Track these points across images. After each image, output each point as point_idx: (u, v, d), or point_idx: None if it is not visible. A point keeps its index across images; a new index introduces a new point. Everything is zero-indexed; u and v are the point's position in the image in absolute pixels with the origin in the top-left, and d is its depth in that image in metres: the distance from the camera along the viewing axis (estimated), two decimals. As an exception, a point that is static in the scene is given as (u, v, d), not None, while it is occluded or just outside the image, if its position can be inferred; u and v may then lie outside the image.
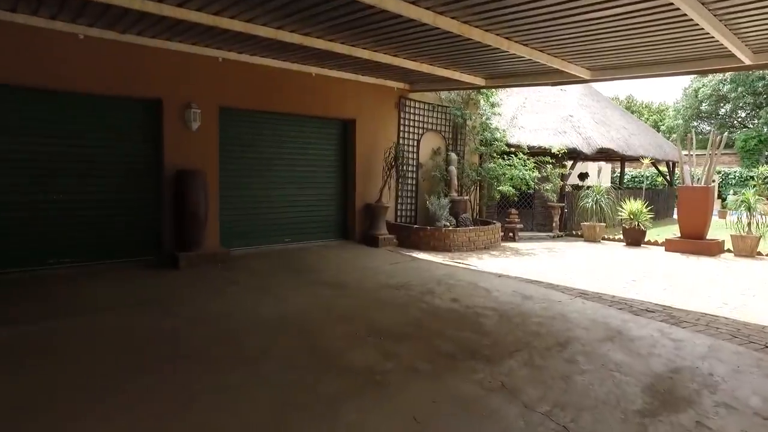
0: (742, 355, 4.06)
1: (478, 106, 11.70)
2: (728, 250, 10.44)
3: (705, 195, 10.37)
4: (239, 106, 7.96)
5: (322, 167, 9.41)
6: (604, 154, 16.93)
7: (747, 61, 5.78)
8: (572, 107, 14.83)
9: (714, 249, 10.06)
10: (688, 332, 4.66)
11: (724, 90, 31.86)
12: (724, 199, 21.39)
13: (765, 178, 25.59)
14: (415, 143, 10.68)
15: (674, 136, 31.55)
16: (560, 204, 13.06)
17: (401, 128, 10.38)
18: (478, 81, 8.86)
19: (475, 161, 11.69)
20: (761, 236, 10.05)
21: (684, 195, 10.59)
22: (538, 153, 12.21)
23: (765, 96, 30.43)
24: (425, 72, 8.15)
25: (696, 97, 33.67)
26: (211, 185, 7.44)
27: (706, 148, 11.29)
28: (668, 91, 72.86)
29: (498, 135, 11.42)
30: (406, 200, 10.61)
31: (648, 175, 29.12)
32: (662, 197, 18.52)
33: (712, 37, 5.23)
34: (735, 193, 15.81)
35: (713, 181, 13.82)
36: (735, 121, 33.54)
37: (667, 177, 19.82)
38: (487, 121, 11.27)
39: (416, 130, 10.69)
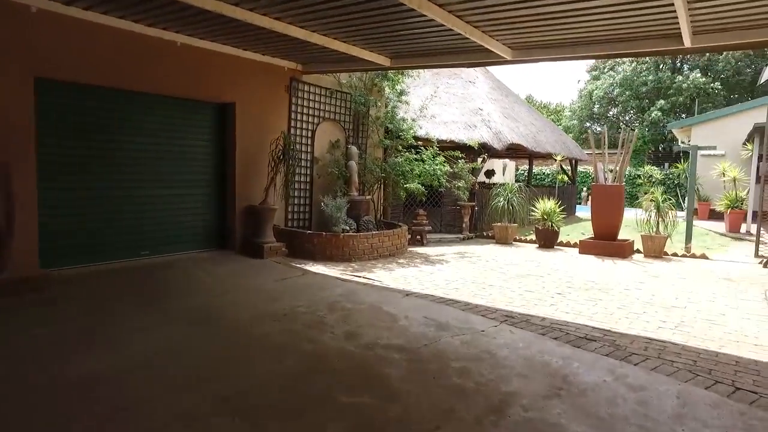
0: (720, 410, 3.13)
1: (382, 93, 10.50)
2: (637, 251, 10.16)
3: (618, 193, 9.99)
4: (71, 78, 6.02)
5: (194, 161, 7.66)
6: (513, 151, 16.57)
7: (688, 44, 5.03)
8: (482, 100, 14.17)
9: (627, 250, 9.68)
10: (644, 372, 3.69)
11: (615, 93, 33.73)
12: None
13: (650, 177, 27.33)
14: (310, 134, 9.23)
15: (598, 128, 32.88)
16: (471, 203, 12.27)
17: (293, 116, 8.87)
18: (383, 60, 7.60)
19: (380, 156, 10.48)
20: (669, 236, 9.83)
21: (597, 193, 10.15)
22: (448, 147, 11.27)
23: (648, 100, 32.58)
24: (318, 45, 6.73)
25: (590, 98, 35.37)
26: (22, 182, 5.47)
27: (599, 147, 10.99)
28: (565, 92, 77.58)
29: (405, 126, 10.29)
30: (299, 201, 9.13)
31: (549, 173, 30.00)
32: (567, 195, 18.63)
33: (658, 12, 4.37)
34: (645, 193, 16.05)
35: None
36: (622, 123, 35.68)
37: (570, 175, 20.05)
38: (394, 110, 10.08)
39: (311, 119, 9.24)
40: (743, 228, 13.74)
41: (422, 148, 10.22)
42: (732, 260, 9.50)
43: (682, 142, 22.91)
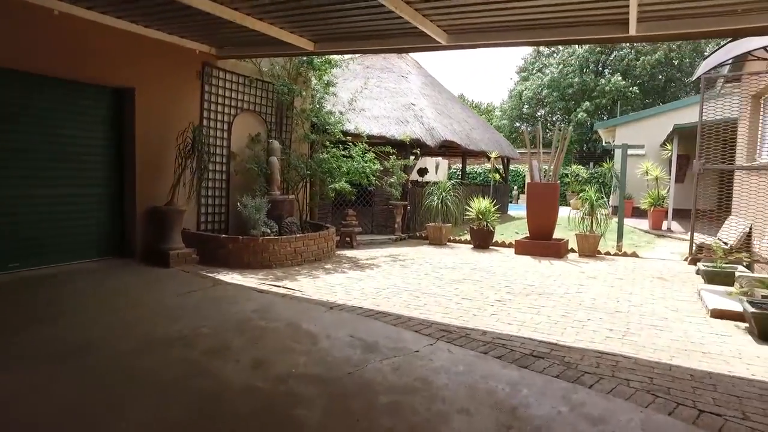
0: (692, 443, 2.69)
1: (309, 84, 9.73)
2: (572, 250, 10.05)
3: (553, 192, 9.80)
4: None
5: (83, 155, 6.57)
6: (446, 149, 16.28)
7: (633, 32, 4.69)
8: (415, 95, 13.72)
9: (562, 250, 9.50)
10: (600, 398, 3.22)
11: (543, 94, 34.70)
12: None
13: (577, 176, 28.24)
14: (226, 127, 8.31)
15: (528, 128, 33.41)
16: (403, 202, 11.76)
17: (206, 106, 7.94)
18: (305, 44, 6.86)
19: (305, 151, 9.71)
20: (602, 235, 9.77)
21: (533, 192, 9.92)
22: (379, 143, 10.67)
23: (573, 101, 33.79)
24: (231, 23, 5.91)
25: (520, 99, 36.21)
26: None
27: (533, 146, 10.84)
28: (496, 92, 79.60)
29: (332, 120, 9.58)
30: (214, 201, 8.19)
31: (482, 171, 30.28)
32: (500, 194, 18.63)
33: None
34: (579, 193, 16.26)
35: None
36: (550, 123, 36.82)
37: (503, 173, 20.12)
38: (320, 102, 9.34)
39: (228, 110, 8.32)
40: (665, 225, 14.18)
41: (351, 143, 9.54)
42: (660, 258, 9.56)
43: (607, 142, 23.73)
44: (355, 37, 6.48)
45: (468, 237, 10.98)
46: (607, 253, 9.82)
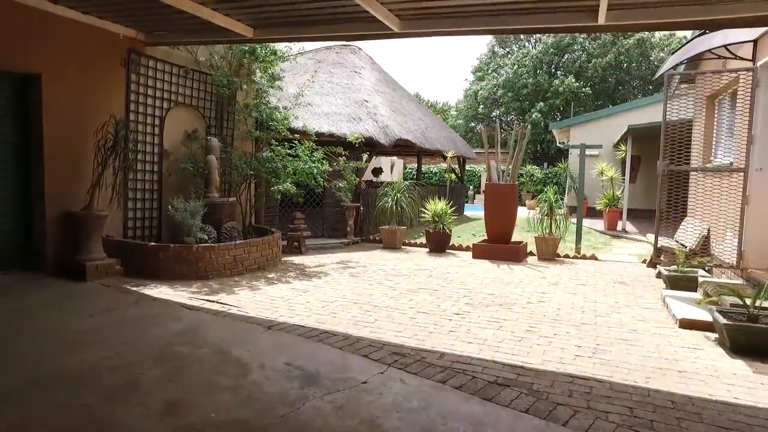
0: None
1: (253, 77, 9.01)
2: (530, 253, 9.76)
3: (511, 193, 9.48)
4: None
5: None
6: (401, 148, 15.84)
7: (602, 21, 4.30)
8: (368, 92, 13.17)
9: (521, 254, 9.19)
10: (578, 439, 2.76)
11: (498, 94, 34.90)
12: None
13: (531, 176, 28.47)
14: (158, 122, 7.52)
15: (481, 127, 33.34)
16: (356, 204, 11.19)
17: (133, 98, 7.13)
18: (244, 29, 6.19)
19: (249, 150, 8.99)
20: (561, 238, 9.52)
21: (491, 193, 9.56)
22: (329, 142, 10.06)
23: (528, 102, 34.16)
24: (156, 1, 5.18)
25: (475, 98, 36.31)
26: None
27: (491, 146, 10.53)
28: (452, 92, 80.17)
29: (279, 116, 8.90)
30: (143, 205, 7.38)
31: (437, 171, 30.10)
32: (456, 194, 18.37)
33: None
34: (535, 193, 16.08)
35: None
36: (505, 124, 37.14)
37: (459, 173, 19.87)
38: (263, 95, 8.64)
39: (159, 103, 7.53)
40: (619, 225, 14.20)
41: (298, 142, 8.89)
42: (619, 260, 9.40)
43: (561, 143, 23.96)
44: (299, 23, 5.87)
45: (424, 240, 10.53)
46: (566, 256, 9.59)
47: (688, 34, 9.46)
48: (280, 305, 5.48)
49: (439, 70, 78.34)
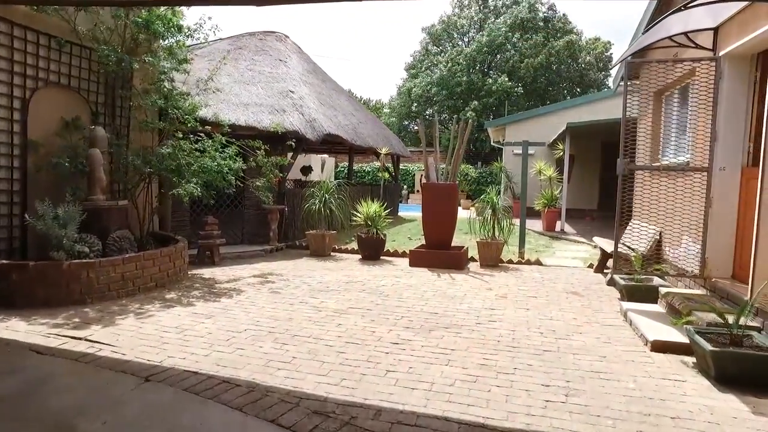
0: None
1: (156, 55, 7.62)
2: (472, 259, 9.05)
3: (452, 193, 8.70)
4: None
5: None
6: (332, 145, 14.80)
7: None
8: (295, 82, 12.01)
9: (463, 261, 8.43)
10: None
11: (432, 92, 34.58)
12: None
13: (466, 175, 28.26)
14: (18, 104, 6.05)
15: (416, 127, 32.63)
16: (279, 206, 10.04)
17: (-17, 73, 5.63)
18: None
19: (149, 143, 7.62)
20: (505, 242, 8.86)
21: (429, 193, 8.73)
22: (248, 136, 8.83)
23: (462, 101, 34.09)
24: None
25: (409, 96, 35.81)
26: None
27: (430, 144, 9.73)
28: (385, 89, 79.71)
29: (185, 104, 7.60)
30: (-1, 209, 5.90)
31: (370, 170, 29.26)
32: (390, 194, 17.55)
33: None
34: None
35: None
36: (439, 122, 36.93)
37: (393, 172, 19.08)
38: (163, 77, 7.30)
39: (20, 82, 6.06)
40: (558, 226, 13.92)
41: (209, 135, 7.61)
42: (564, 265, 8.87)
43: (496, 141, 23.79)
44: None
45: (356, 246, 9.56)
46: (510, 262, 8.95)
47: (634, 23, 9.06)
48: (172, 340, 4.31)
49: (372, 67, 77.69)
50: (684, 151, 6.68)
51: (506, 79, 31.64)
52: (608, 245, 7.82)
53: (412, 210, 19.95)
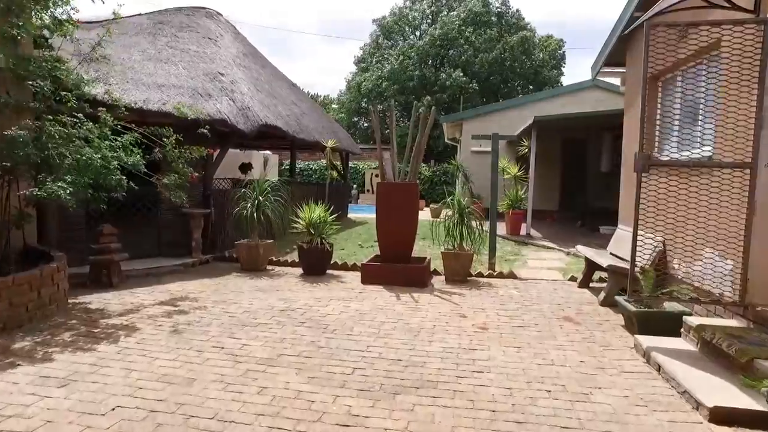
0: None
1: (27, 18, 5.79)
2: (435, 271, 7.71)
3: (411, 195, 7.31)
4: None
5: None
6: (271, 138, 13.12)
7: None
8: (227, 64, 10.31)
9: (426, 276, 7.07)
10: None
11: (383, 86, 33.23)
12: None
13: (419, 174, 27.09)
14: None
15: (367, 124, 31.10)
16: (204, 210, 8.37)
17: None
18: None
19: (26, 127, 5.78)
20: (475, 253, 7.56)
21: (385, 195, 7.29)
22: (160, 123, 7.08)
23: (414, 96, 32.91)
24: None
25: (359, 91, 34.32)
26: None
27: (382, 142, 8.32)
28: (334, 84, 77.84)
29: (71, 78, 5.81)
30: None
31: (318, 168, 27.58)
32: (339, 195, 16.04)
33: None
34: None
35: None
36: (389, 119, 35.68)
37: (342, 170, 17.56)
38: (18, 31, 5.48)
39: None
40: (523, 229, 12.85)
41: (98, 118, 5.84)
42: (542, 278, 7.67)
43: (451, 138, 22.70)
44: None
45: (297, 257, 8.00)
46: (480, 275, 7.67)
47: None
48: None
49: (322, 61, 75.64)
50: (693, 145, 5.55)
51: (461, 74, 30.71)
52: (597, 256, 6.64)
53: (363, 211, 18.50)
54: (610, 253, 7.14)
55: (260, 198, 7.88)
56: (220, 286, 6.69)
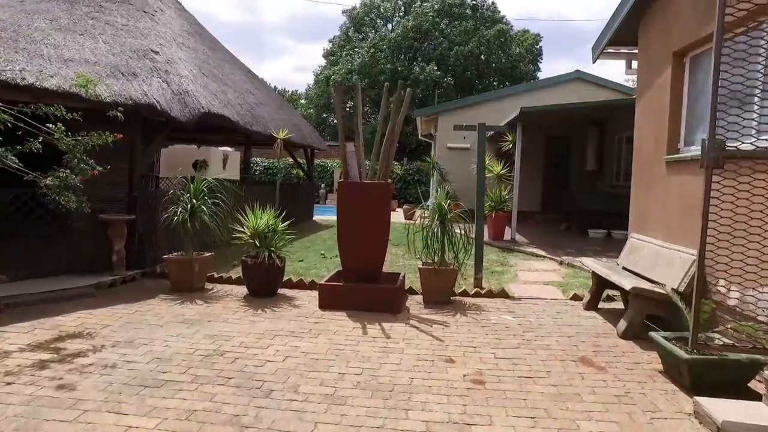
0: None
1: None
2: (411, 290, 6.38)
3: (383, 197, 5.91)
4: None
5: None
6: (223, 131, 11.55)
7: None
8: (164, 42, 8.75)
9: (400, 299, 5.71)
10: None
11: (353, 80, 31.75)
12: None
13: (391, 173, 25.77)
14: None
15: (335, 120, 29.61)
16: (126, 217, 6.83)
17: None
18: None
19: None
20: (459, 268, 6.22)
21: (349, 197, 5.87)
22: (66, 107, 5.51)
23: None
24: None
25: (327, 85, 32.79)
26: None
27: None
28: (302, 79, 75.89)
29: None
30: None
31: (283, 165, 25.94)
32: (303, 196, 14.57)
33: None
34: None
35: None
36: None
37: (306, 169, 16.08)
38: None
39: None
40: (507, 233, 11.61)
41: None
42: (539, 297, 6.41)
43: (425, 135, 21.43)
44: None
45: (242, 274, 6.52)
46: (465, 294, 6.35)
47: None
48: None
49: (296, 60, 73.64)
50: (743, 131, 4.32)
51: (434, 67, 29.46)
52: (612, 273, 5.37)
53: (330, 213, 17.03)
54: (623, 268, 5.91)
55: (195, 201, 6.37)
56: (135, 315, 5.19)
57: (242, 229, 6.24)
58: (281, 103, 14.38)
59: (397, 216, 15.15)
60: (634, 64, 7.27)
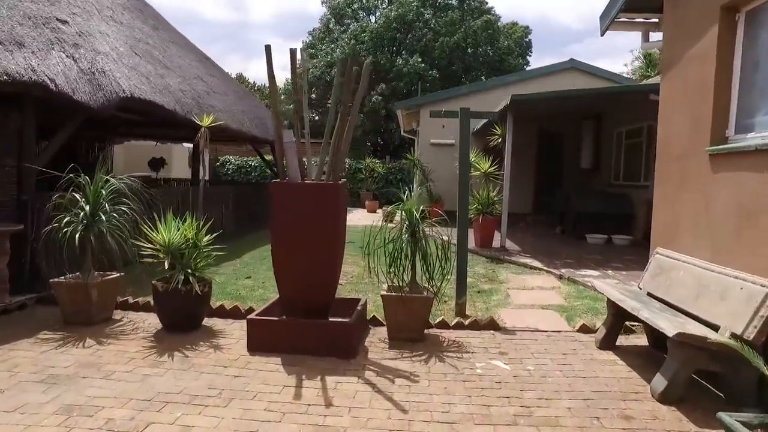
0: None
1: None
2: (374, 319, 4.99)
3: (331, 202, 4.47)
4: None
5: None
6: (177, 126, 10.03)
7: None
8: (78, 11, 7.26)
9: (353, 339, 4.31)
10: None
11: (333, 73, 30.27)
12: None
13: (372, 171, 24.34)
14: None
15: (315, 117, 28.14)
16: (11, 228, 5.34)
17: None
18: None
19: None
20: (436, 295, 4.80)
21: (286, 204, 4.44)
22: None
23: (367, 84, 30.13)
24: None
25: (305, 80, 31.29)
26: None
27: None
28: (280, 74, 74.05)
29: None
30: None
31: (256, 164, 24.40)
32: (267, 197, 13.07)
33: None
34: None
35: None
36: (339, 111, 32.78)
37: (275, 167, 14.60)
38: None
39: None
40: (496, 239, 10.26)
41: None
42: (537, 328, 5.05)
43: (408, 131, 20.08)
44: None
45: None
46: (444, 325, 4.97)
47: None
48: None
49: (279, 55, 71.70)
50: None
51: (419, 59, 28.07)
52: (642, 308, 3.99)
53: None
54: (648, 294, 4.56)
55: (93, 210, 4.90)
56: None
57: (150, 245, 4.78)
58: (242, 94, 12.88)
59: (376, 218, 13.78)
60: (653, 36, 5.94)
